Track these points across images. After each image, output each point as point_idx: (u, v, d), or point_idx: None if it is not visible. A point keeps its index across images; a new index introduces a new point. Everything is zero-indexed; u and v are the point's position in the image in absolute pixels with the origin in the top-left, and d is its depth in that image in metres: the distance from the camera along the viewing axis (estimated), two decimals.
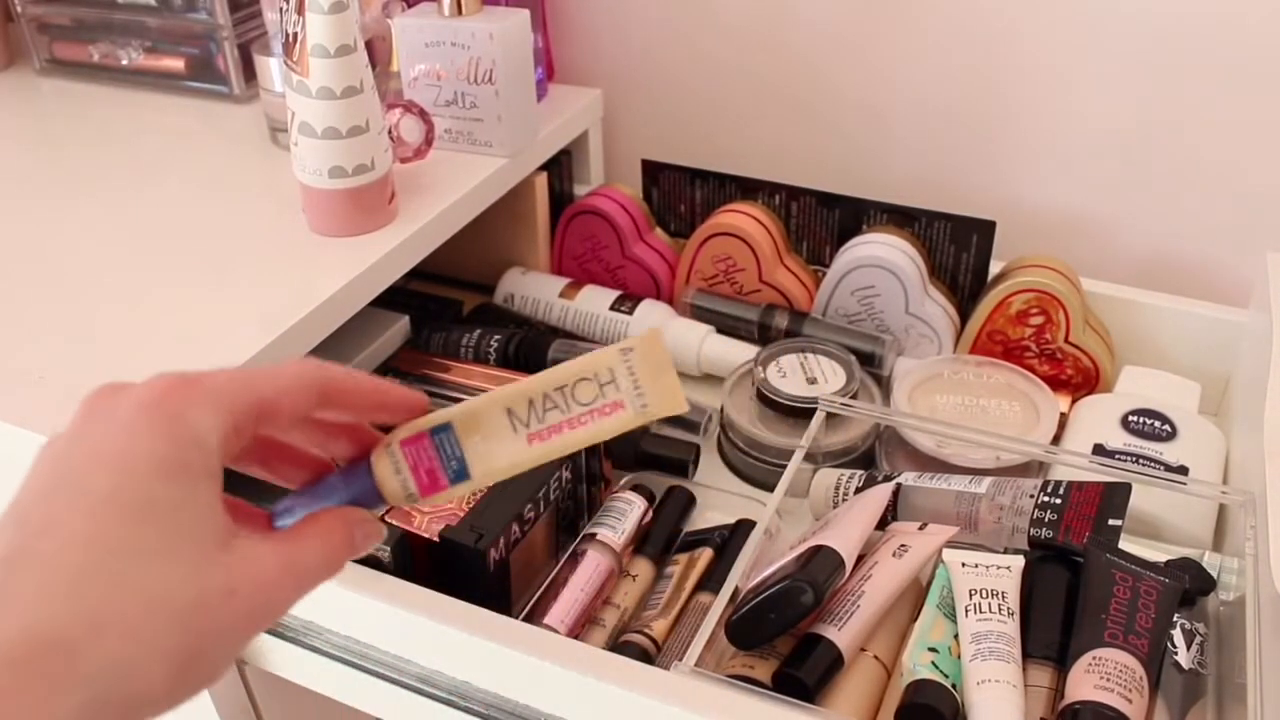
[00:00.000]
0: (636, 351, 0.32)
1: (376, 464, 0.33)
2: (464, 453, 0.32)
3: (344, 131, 0.62)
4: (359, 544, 0.32)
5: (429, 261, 0.69)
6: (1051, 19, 0.75)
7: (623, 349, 0.32)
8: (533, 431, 0.32)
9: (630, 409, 0.32)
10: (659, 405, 0.32)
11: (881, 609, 0.51)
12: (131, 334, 0.58)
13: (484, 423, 0.32)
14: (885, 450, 0.68)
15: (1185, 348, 0.72)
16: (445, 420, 0.33)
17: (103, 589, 0.25)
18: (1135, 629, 0.48)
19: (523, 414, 0.32)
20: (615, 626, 0.57)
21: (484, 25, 0.70)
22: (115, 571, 0.25)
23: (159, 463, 0.27)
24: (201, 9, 0.83)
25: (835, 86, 0.84)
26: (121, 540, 0.26)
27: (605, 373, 0.32)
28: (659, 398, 0.32)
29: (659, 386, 0.32)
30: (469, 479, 0.33)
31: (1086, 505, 0.54)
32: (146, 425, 0.28)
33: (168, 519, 0.27)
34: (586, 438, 0.32)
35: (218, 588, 0.27)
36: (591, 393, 0.32)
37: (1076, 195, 0.81)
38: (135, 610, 0.25)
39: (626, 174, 0.91)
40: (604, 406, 0.32)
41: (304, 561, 0.30)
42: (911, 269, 0.71)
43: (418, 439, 0.33)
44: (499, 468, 0.32)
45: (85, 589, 0.25)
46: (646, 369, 0.32)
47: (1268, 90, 0.71)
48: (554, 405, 0.32)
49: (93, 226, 0.69)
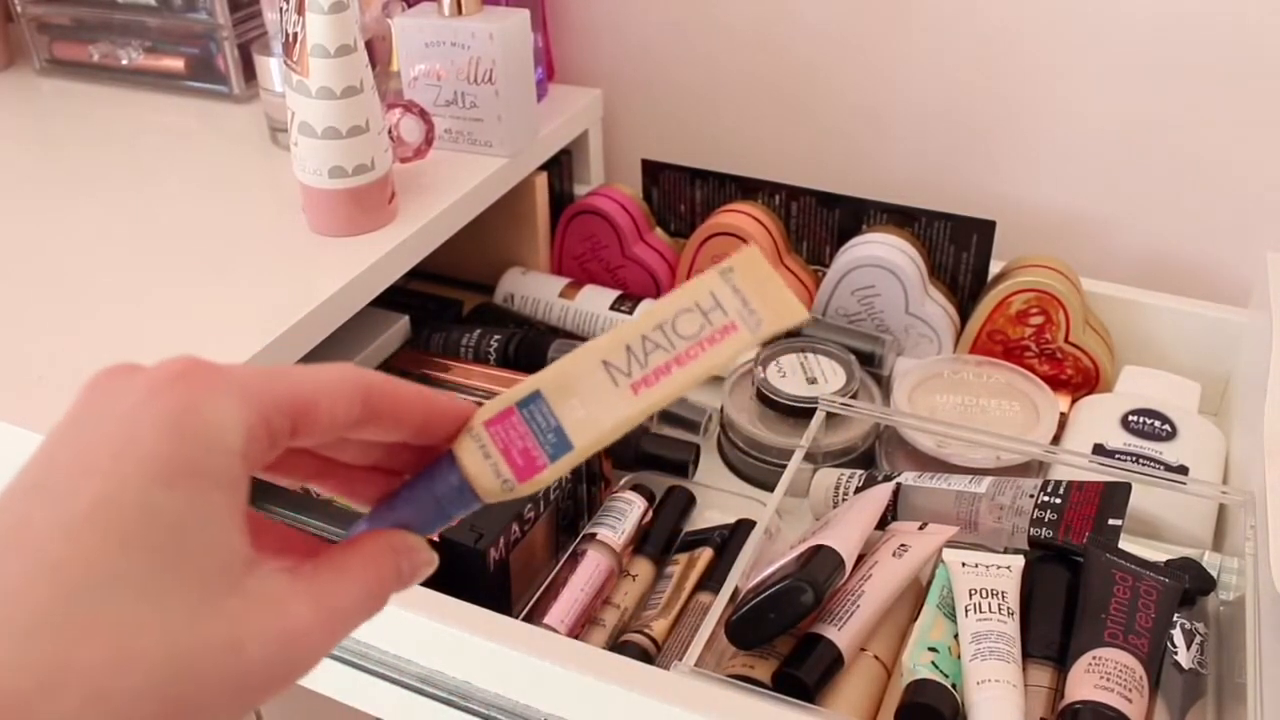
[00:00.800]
0: (738, 269, 0.28)
1: (460, 453, 0.28)
2: (560, 421, 0.28)
3: (344, 131, 0.62)
4: (406, 576, 0.27)
5: (429, 261, 0.69)
6: (1051, 19, 0.75)
7: (721, 270, 0.28)
8: (636, 380, 0.28)
9: (745, 328, 0.28)
10: (775, 318, 0.28)
11: (881, 609, 0.51)
12: (131, 334, 0.58)
13: (579, 382, 0.28)
14: (885, 450, 0.68)
15: (1185, 348, 0.72)
16: (532, 389, 0.28)
17: (67, 633, 0.20)
18: (1135, 629, 0.48)
19: (621, 363, 0.28)
20: (615, 626, 0.57)
21: (484, 25, 0.70)
22: (85, 610, 0.20)
23: (161, 465, 0.21)
24: (201, 9, 0.83)
25: (835, 86, 0.84)
26: (100, 568, 0.20)
27: (707, 298, 0.28)
28: (773, 310, 0.28)
29: (770, 299, 0.28)
30: (571, 450, 0.28)
31: (1086, 505, 0.54)
32: (150, 418, 0.22)
33: (164, 541, 0.21)
34: (700, 371, 0.28)
35: (219, 640, 0.21)
36: (696, 323, 0.28)
37: (1076, 195, 0.81)
38: (104, 664, 0.20)
39: (626, 174, 0.91)
40: (713, 334, 0.28)
41: (341, 604, 0.25)
42: (911, 269, 0.72)
43: (504, 416, 0.28)
44: (605, 430, 0.28)
45: (45, 632, 0.20)
46: (752, 284, 0.28)
47: (1268, 90, 0.71)
48: (656, 345, 0.28)
49: (93, 226, 0.69)
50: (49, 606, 0.20)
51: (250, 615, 0.22)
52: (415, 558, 0.28)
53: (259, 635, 0.22)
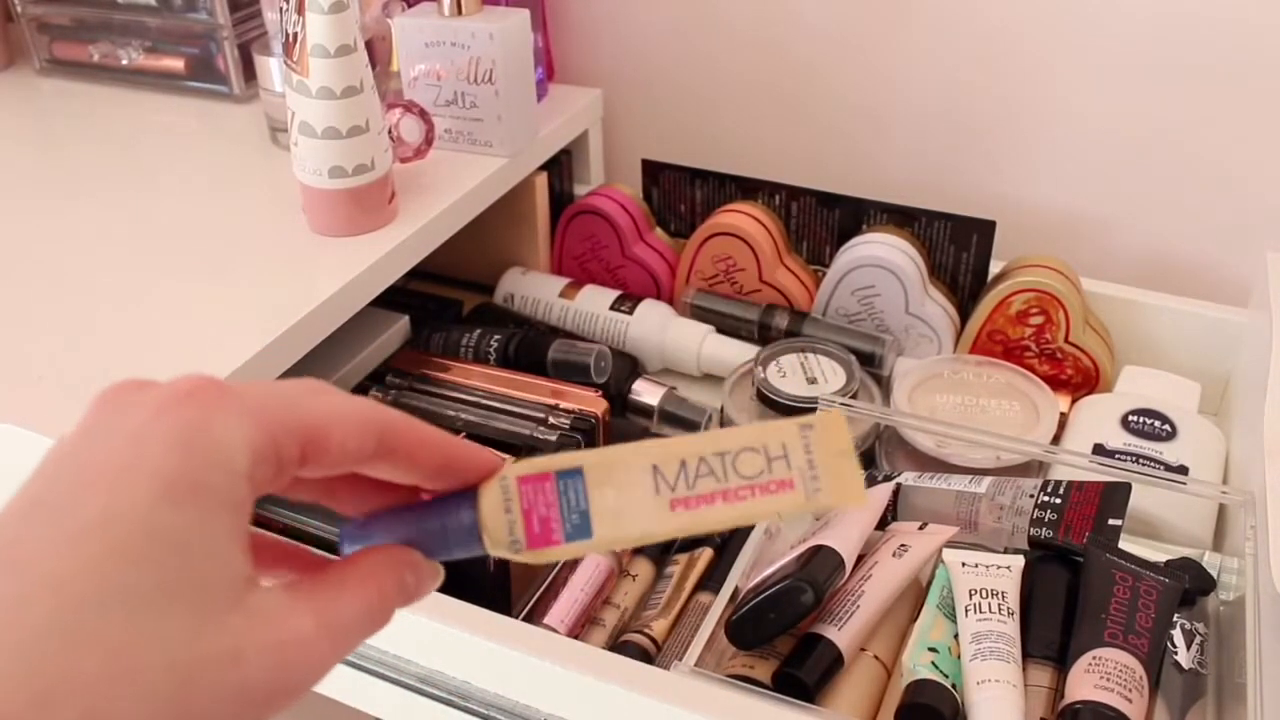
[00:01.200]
0: (817, 429, 0.27)
1: (484, 497, 0.28)
2: (589, 506, 0.27)
3: (344, 131, 0.62)
4: (411, 590, 0.27)
5: (429, 261, 0.69)
6: (1051, 19, 0.75)
7: (802, 424, 0.27)
8: (678, 497, 0.27)
9: (801, 490, 0.27)
10: (835, 493, 0.27)
11: (881, 609, 0.51)
12: (131, 334, 0.58)
13: (622, 476, 0.27)
14: (885, 450, 0.68)
15: (1185, 348, 0.72)
16: (576, 464, 0.27)
17: (65, 647, 0.19)
18: (1135, 629, 0.48)
19: (670, 475, 0.27)
20: (615, 626, 0.57)
21: (484, 25, 0.70)
22: (86, 626, 0.20)
23: (167, 483, 0.21)
24: (201, 9, 0.83)
25: (835, 86, 0.84)
26: (102, 582, 0.20)
27: (777, 446, 0.27)
28: (837, 484, 0.27)
29: (837, 472, 0.27)
30: (589, 538, 0.27)
31: (1086, 505, 0.54)
32: (159, 434, 0.22)
33: (167, 557, 0.21)
34: (739, 516, 0.27)
35: (221, 652, 0.21)
36: (757, 466, 0.27)
37: (1076, 195, 0.81)
38: (102, 678, 0.20)
39: (626, 174, 0.91)
40: (769, 484, 0.27)
41: (342, 617, 0.24)
42: (911, 269, 0.72)
43: (540, 479, 0.27)
44: (629, 533, 0.27)
45: (42, 646, 0.19)
46: (825, 450, 0.27)
47: (1268, 90, 0.71)
48: (710, 472, 0.27)
49: (93, 226, 0.69)
50: (48, 620, 0.20)
51: (252, 630, 0.22)
52: (420, 572, 0.27)
53: (260, 648, 0.22)
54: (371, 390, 0.71)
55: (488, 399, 0.69)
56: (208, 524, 0.22)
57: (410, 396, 0.70)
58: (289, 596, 0.24)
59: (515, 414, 0.66)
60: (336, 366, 0.69)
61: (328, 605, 0.24)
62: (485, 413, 0.68)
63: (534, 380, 0.70)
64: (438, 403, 0.70)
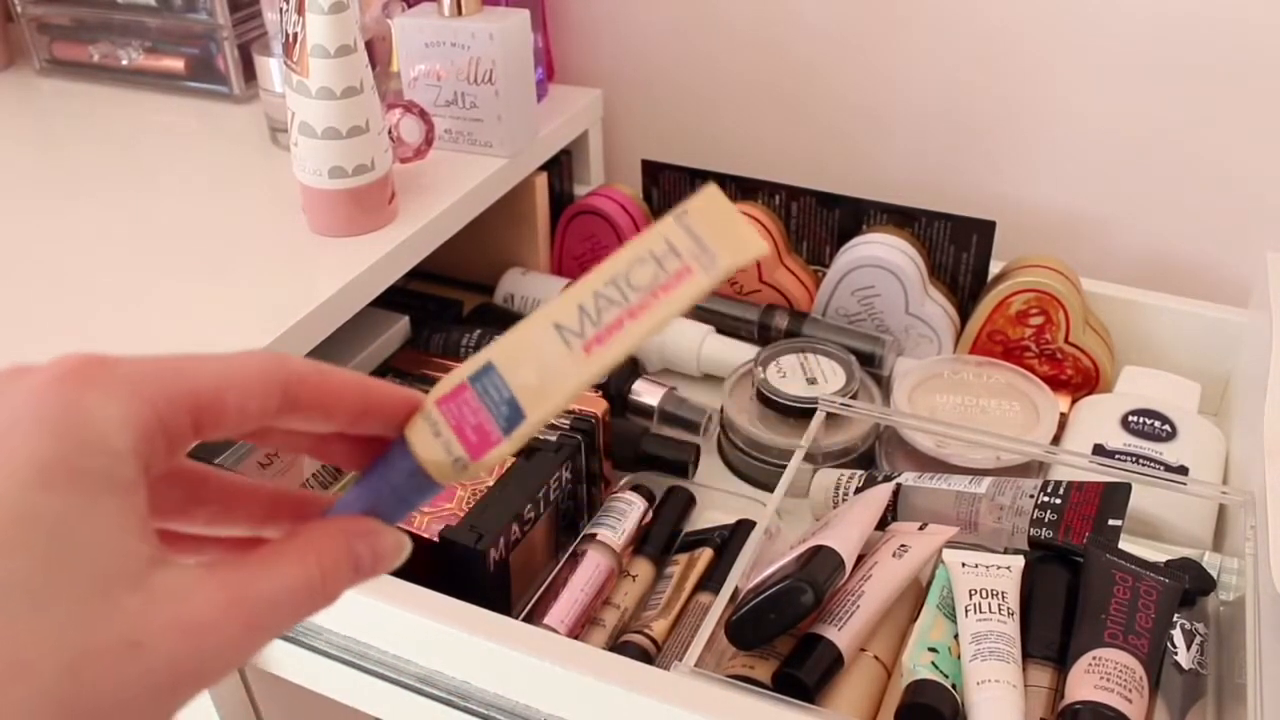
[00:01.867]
0: (692, 211, 0.26)
1: (411, 435, 0.27)
2: (513, 392, 0.26)
3: (344, 132, 0.62)
4: (366, 563, 0.25)
5: (429, 261, 0.69)
6: (1051, 19, 0.75)
7: (677, 213, 0.26)
8: (588, 339, 0.26)
9: (700, 270, 0.26)
10: (731, 255, 0.26)
11: (881, 609, 0.51)
12: (131, 334, 0.58)
13: (531, 350, 0.26)
14: (885, 450, 0.68)
15: (1185, 348, 0.72)
16: (484, 361, 0.26)
17: None
18: (1135, 629, 0.48)
19: (574, 324, 0.26)
20: (615, 626, 0.57)
21: (484, 25, 0.70)
22: None
23: (40, 468, 0.20)
24: (201, 9, 0.83)
25: (835, 87, 0.84)
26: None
27: (661, 245, 0.26)
28: (729, 248, 0.26)
29: (726, 237, 0.26)
30: (524, 420, 0.26)
31: (1086, 505, 0.54)
32: (29, 419, 0.21)
33: (45, 545, 0.20)
34: (653, 323, 0.26)
35: (114, 639, 0.20)
36: (649, 272, 0.26)
37: (1076, 195, 0.81)
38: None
39: (626, 174, 0.91)
40: (667, 281, 0.26)
41: (260, 592, 0.23)
42: (911, 269, 0.71)
43: (456, 393, 0.27)
44: (559, 395, 0.26)
45: None
46: (708, 224, 0.26)
47: (1267, 90, 0.71)
48: (610, 301, 0.26)
49: (93, 226, 0.69)
50: None
51: (152, 613, 0.21)
52: (378, 542, 0.26)
53: (160, 631, 0.21)
54: None
55: None
56: (89, 507, 0.21)
57: None
58: (202, 573, 0.22)
59: None
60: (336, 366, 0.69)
61: (247, 581, 0.23)
62: None
63: None
64: None
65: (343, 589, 0.25)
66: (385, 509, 0.27)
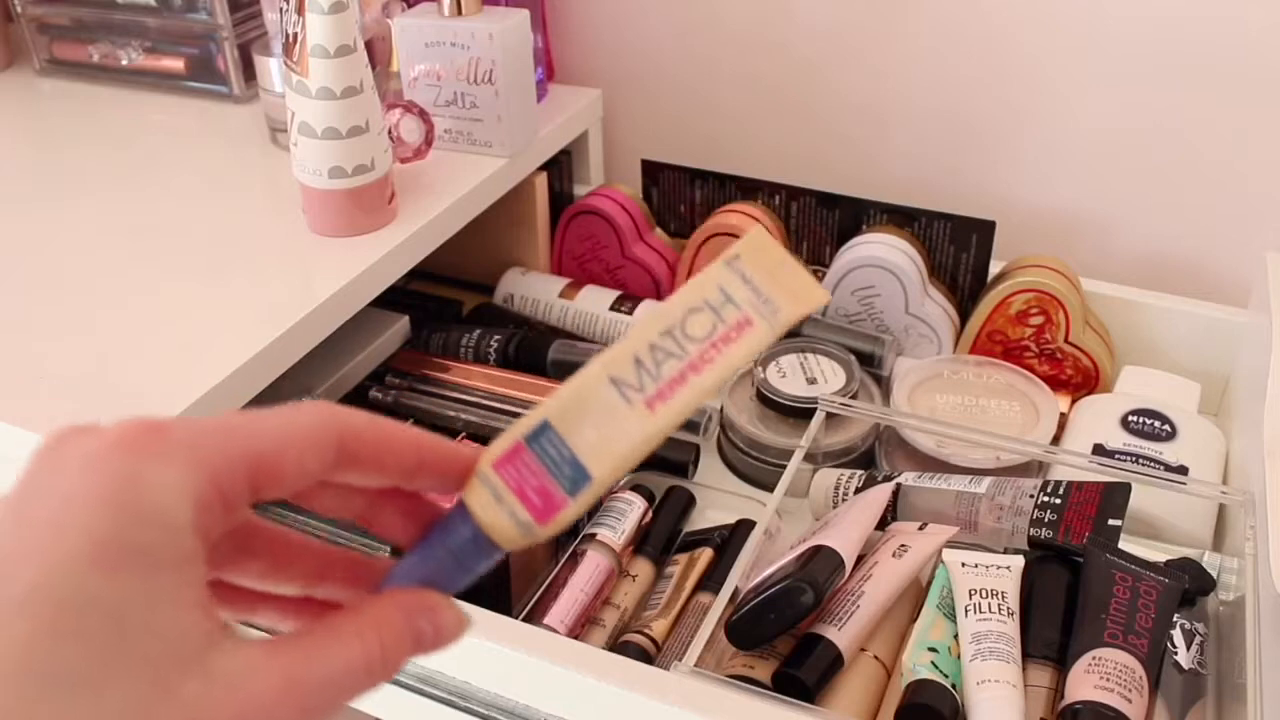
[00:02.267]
0: (744, 255, 0.25)
1: (471, 501, 0.26)
2: (574, 452, 0.25)
3: (344, 132, 0.62)
4: (428, 639, 0.24)
5: (429, 261, 0.69)
6: (1051, 20, 0.75)
7: (728, 259, 0.25)
8: (649, 395, 0.25)
9: (761, 320, 0.25)
10: (793, 304, 0.25)
11: (881, 609, 0.51)
12: (131, 334, 0.58)
13: (588, 406, 0.25)
14: (885, 450, 0.68)
15: (1185, 348, 0.72)
16: (540, 420, 0.26)
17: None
18: (1135, 629, 0.48)
19: (631, 378, 0.25)
20: (615, 626, 0.57)
21: (484, 25, 0.70)
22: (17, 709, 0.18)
23: (98, 547, 0.20)
24: (201, 9, 0.83)
25: (835, 87, 0.84)
26: (33, 664, 0.19)
27: (716, 293, 0.25)
28: (790, 296, 0.25)
29: (785, 284, 0.25)
30: (590, 480, 0.25)
31: (1086, 505, 0.54)
32: (88, 493, 0.20)
33: (101, 629, 0.19)
34: (718, 377, 0.25)
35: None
36: (708, 323, 0.25)
37: (1076, 195, 0.81)
38: None
39: (626, 174, 0.91)
40: (727, 332, 0.25)
41: (319, 673, 0.22)
42: (911, 269, 0.72)
43: (513, 454, 0.26)
44: (624, 454, 0.25)
45: None
46: (763, 270, 0.25)
47: (1267, 91, 0.71)
48: (667, 354, 0.25)
49: (93, 226, 0.69)
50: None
51: (209, 699, 0.20)
52: (438, 617, 0.25)
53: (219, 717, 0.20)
54: (371, 390, 0.71)
55: (488, 399, 0.69)
56: (147, 587, 0.20)
57: (410, 396, 0.70)
58: (261, 653, 0.22)
59: (515, 414, 0.66)
60: (336, 367, 0.69)
61: (305, 661, 0.22)
62: (485, 413, 0.69)
63: (534, 380, 0.70)
64: (438, 403, 0.70)
65: (403, 665, 0.24)
66: (444, 577, 0.26)
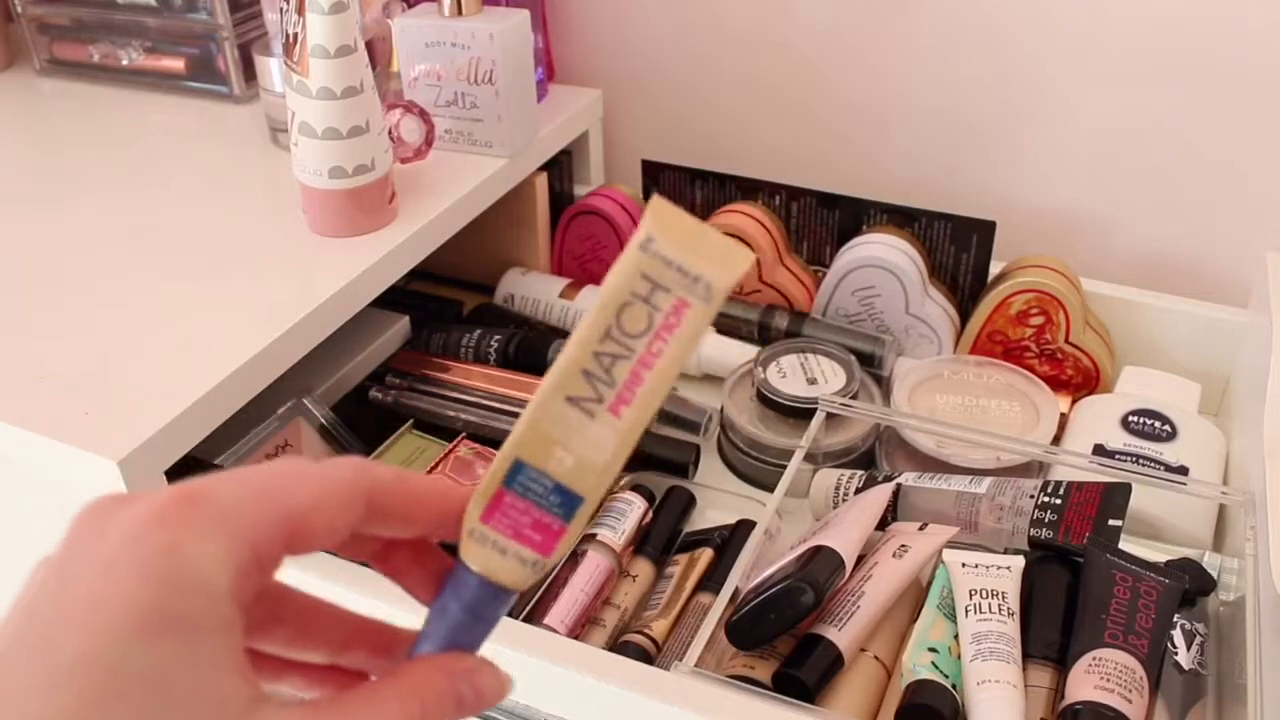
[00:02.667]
0: (656, 235, 0.24)
1: (470, 559, 0.26)
2: (556, 479, 0.25)
3: (344, 132, 0.62)
4: (470, 701, 0.25)
5: (429, 261, 0.69)
6: (1051, 20, 0.75)
7: (641, 243, 0.24)
8: (610, 402, 0.25)
9: (696, 299, 0.24)
10: (721, 273, 0.24)
11: (881, 609, 0.51)
12: (131, 334, 0.58)
13: (553, 432, 0.25)
14: (885, 450, 0.68)
15: (1185, 348, 0.72)
16: (511, 461, 0.25)
17: None
18: (1135, 629, 0.48)
19: (587, 391, 0.25)
20: (615, 627, 0.57)
21: (484, 25, 0.70)
22: None
23: (141, 616, 0.20)
24: (201, 9, 0.83)
25: (835, 87, 0.84)
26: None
27: (641, 284, 0.24)
28: (715, 266, 0.24)
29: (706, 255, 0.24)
30: (582, 501, 0.26)
31: (1086, 505, 0.54)
32: (130, 564, 0.21)
33: (146, 697, 0.20)
34: (672, 365, 0.25)
35: None
36: (643, 315, 0.24)
37: (1076, 195, 0.81)
38: None
39: (626, 174, 0.91)
40: (668, 320, 0.24)
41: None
42: (911, 269, 0.71)
43: (496, 502, 0.26)
44: (604, 464, 0.25)
45: None
46: (679, 246, 0.24)
47: (1267, 91, 0.71)
48: (614, 358, 0.25)
49: (93, 226, 0.69)
50: None
51: None
52: (478, 680, 0.26)
53: None
54: (371, 391, 0.71)
55: (488, 399, 0.69)
56: (189, 655, 0.21)
57: (410, 396, 0.71)
58: (301, 716, 0.22)
59: (516, 414, 0.66)
60: (336, 367, 0.69)
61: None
62: (485, 413, 0.69)
63: (534, 380, 0.70)
64: (438, 403, 0.70)
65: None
66: (469, 636, 0.26)
